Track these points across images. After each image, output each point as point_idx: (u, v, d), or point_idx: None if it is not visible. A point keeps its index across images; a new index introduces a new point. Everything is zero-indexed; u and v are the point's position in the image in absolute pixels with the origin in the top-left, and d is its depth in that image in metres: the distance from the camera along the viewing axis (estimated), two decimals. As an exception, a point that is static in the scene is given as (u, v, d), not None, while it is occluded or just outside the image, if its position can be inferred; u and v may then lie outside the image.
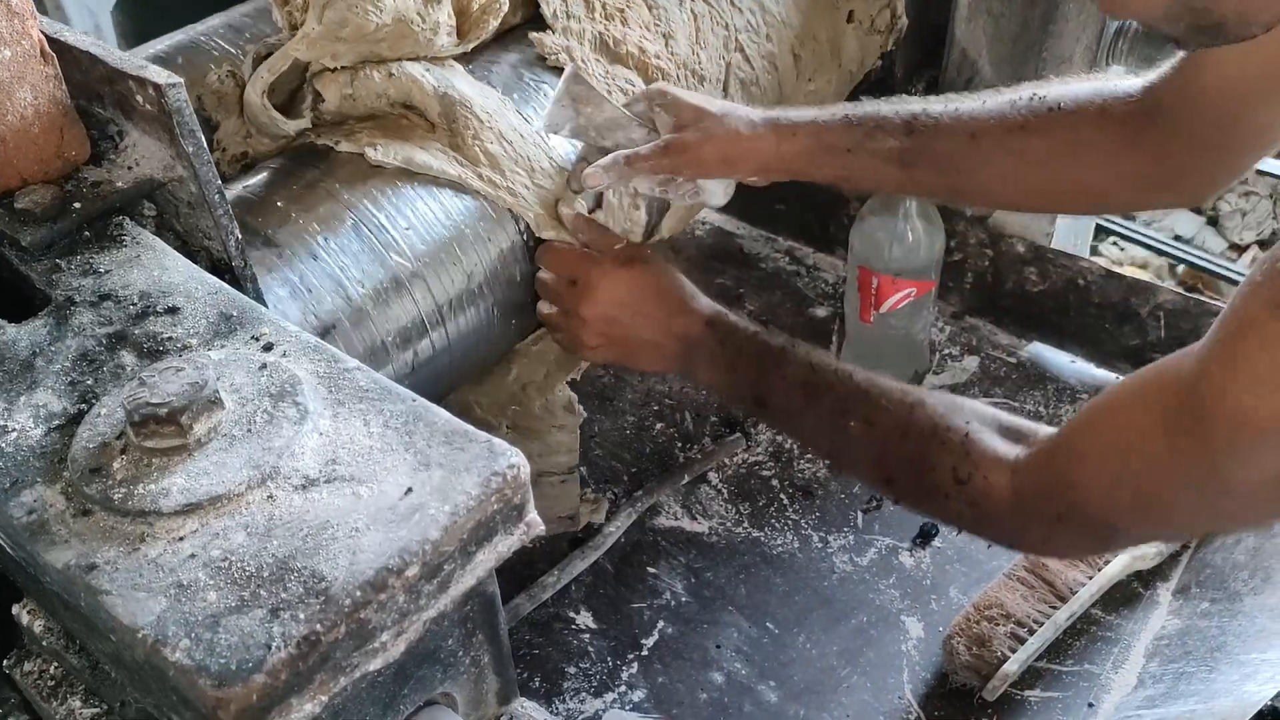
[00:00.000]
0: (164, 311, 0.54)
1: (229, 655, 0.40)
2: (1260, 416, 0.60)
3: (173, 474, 0.46)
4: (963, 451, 0.78)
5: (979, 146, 0.91)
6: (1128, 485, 0.69)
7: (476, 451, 0.48)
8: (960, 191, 0.99)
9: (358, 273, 0.74)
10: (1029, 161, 0.90)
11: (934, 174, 0.94)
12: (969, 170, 0.93)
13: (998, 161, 0.91)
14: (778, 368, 0.91)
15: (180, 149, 0.57)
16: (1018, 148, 0.90)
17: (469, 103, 0.82)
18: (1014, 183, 0.93)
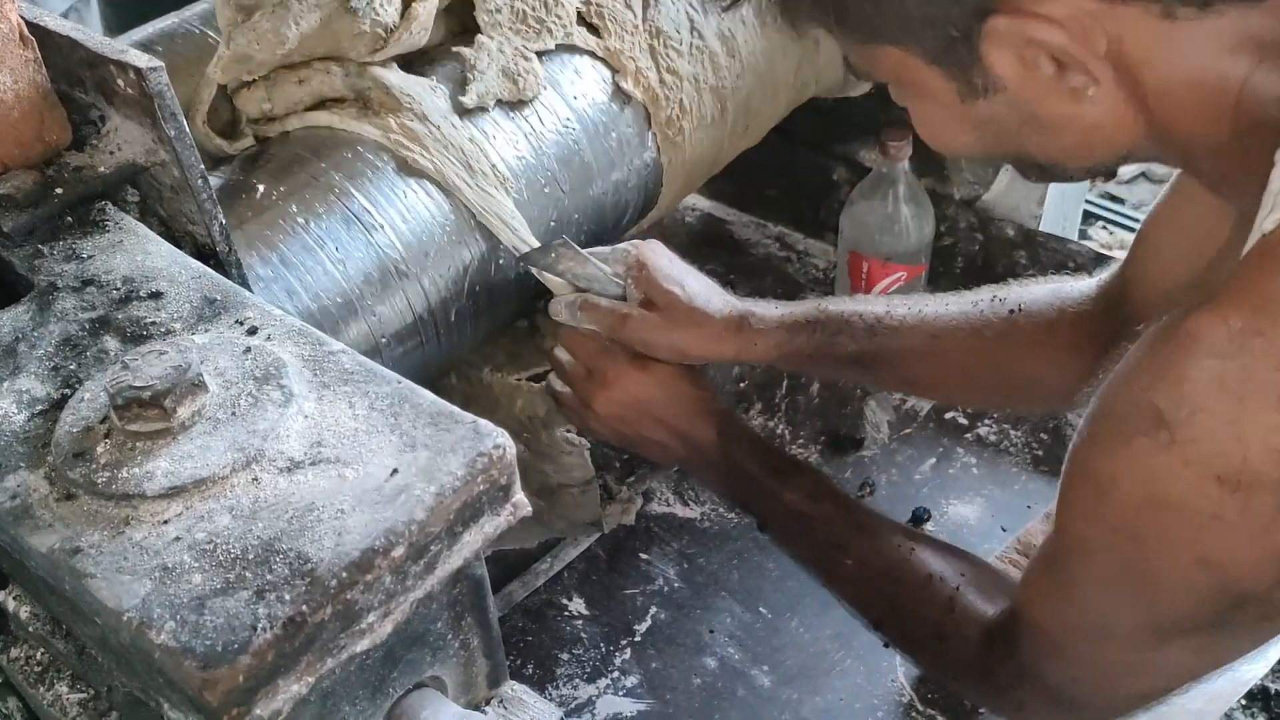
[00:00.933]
0: (147, 296, 0.53)
1: (214, 637, 0.40)
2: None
3: (157, 457, 0.45)
4: (946, 609, 0.79)
5: (938, 346, 0.94)
6: (1077, 656, 0.70)
7: (462, 433, 0.47)
8: (916, 385, 1.06)
9: (343, 256, 0.74)
10: (987, 362, 0.94)
11: (891, 371, 0.98)
12: (927, 368, 0.96)
13: (956, 361, 0.94)
14: (776, 493, 0.92)
15: (162, 133, 0.57)
16: (977, 349, 0.93)
17: (388, 86, 0.80)
18: (972, 381, 0.97)
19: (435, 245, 0.79)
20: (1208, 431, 0.55)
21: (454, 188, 0.79)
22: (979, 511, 1.19)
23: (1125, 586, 0.64)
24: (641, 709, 1.05)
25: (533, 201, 0.87)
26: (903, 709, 1.03)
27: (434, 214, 0.80)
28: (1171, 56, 0.56)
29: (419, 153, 0.77)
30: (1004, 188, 1.28)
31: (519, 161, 0.86)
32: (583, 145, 0.91)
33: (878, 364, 0.96)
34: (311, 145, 0.77)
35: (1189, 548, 0.59)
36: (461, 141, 0.80)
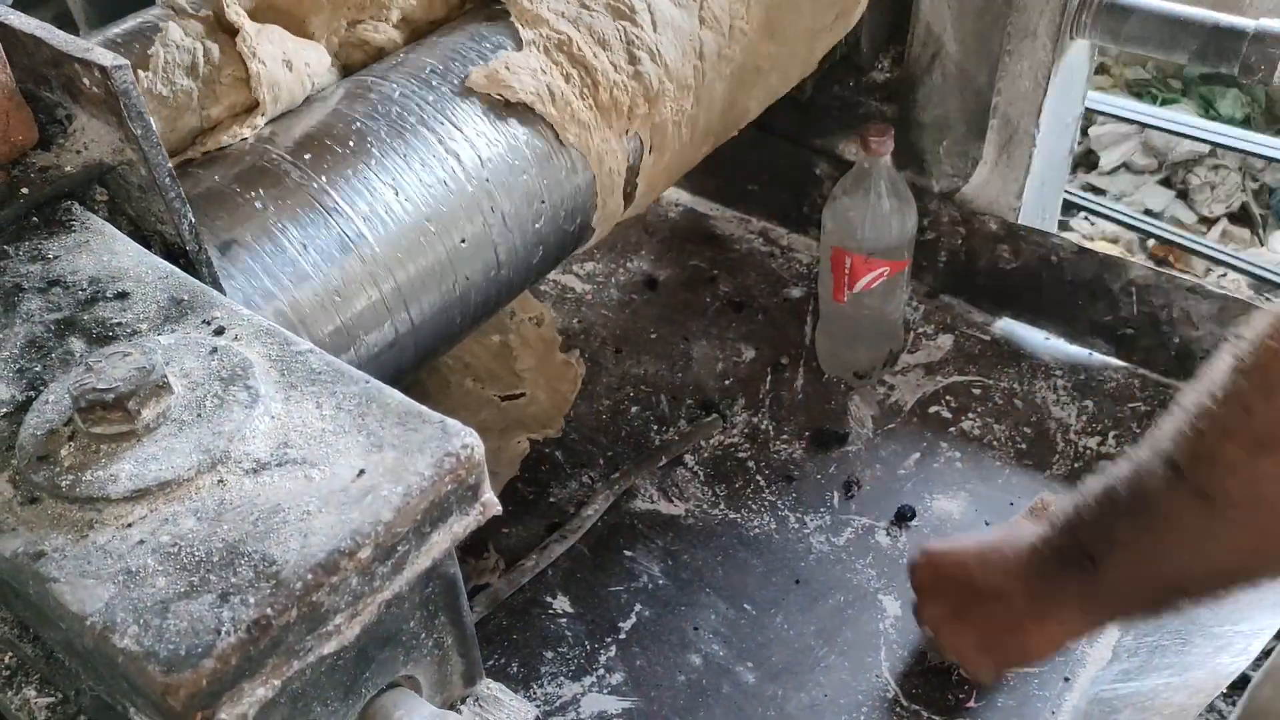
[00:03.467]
0: (113, 297, 0.53)
1: (178, 641, 0.40)
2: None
3: (121, 460, 0.45)
4: (1239, 369, 0.58)
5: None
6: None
7: (430, 432, 0.47)
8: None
9: (317, 257, 0.73)
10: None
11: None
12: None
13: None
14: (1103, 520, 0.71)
15: (128, 131, 0.56)
16: None
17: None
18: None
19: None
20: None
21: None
22: (963, 506, 1.19)
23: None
24: (626, 707, 1.04)
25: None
26: (887, 704, 1.03)
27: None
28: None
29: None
30: (983, 180, 1.28)
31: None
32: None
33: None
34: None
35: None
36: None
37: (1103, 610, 0.75)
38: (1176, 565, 0.66)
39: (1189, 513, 0.61)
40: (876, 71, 1.32)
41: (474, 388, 1.18)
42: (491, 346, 1.19)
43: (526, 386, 1.21)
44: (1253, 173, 2.15)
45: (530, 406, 1.22)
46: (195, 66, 0.74)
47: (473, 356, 1.18)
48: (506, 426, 1.20)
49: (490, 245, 0.84)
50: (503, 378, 1.20)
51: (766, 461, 1.25)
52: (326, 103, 0.81)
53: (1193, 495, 0.60)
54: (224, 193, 0.71)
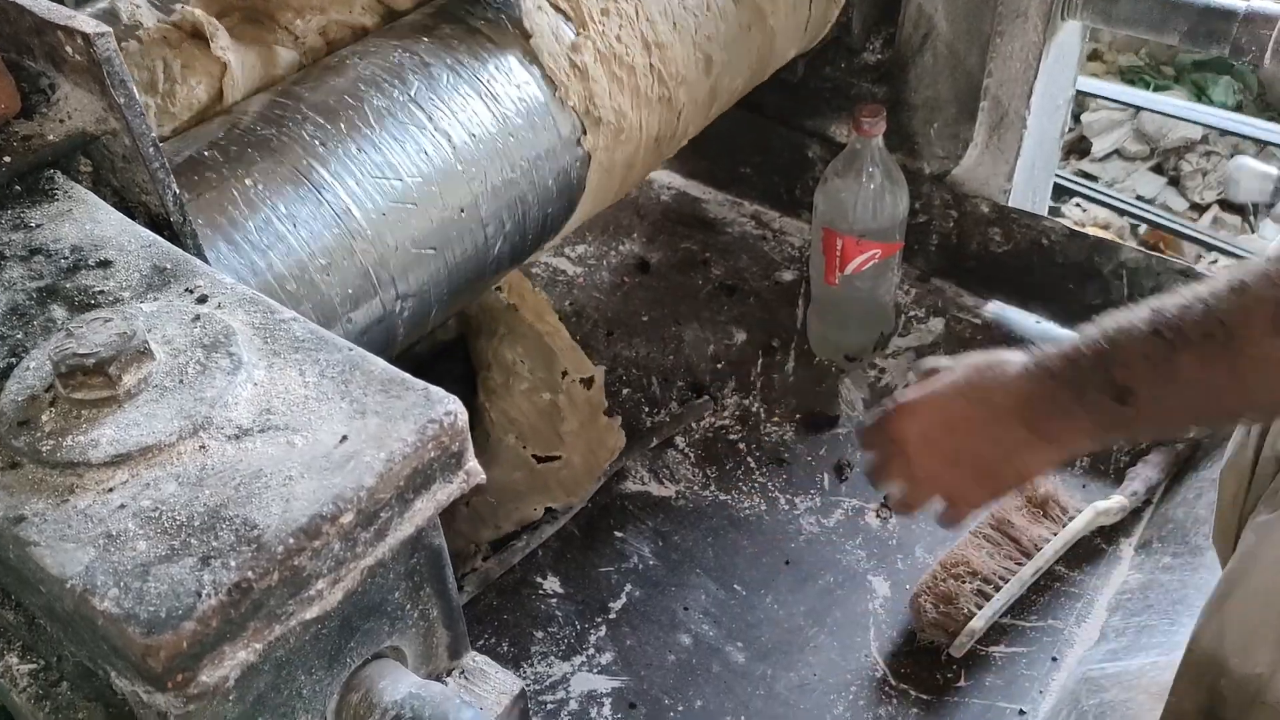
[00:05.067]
0: (96, 265, 0.53)
1: (158, 603, 0.39)
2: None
3: (102, 425, 0.45)
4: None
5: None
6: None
7: (413, 399, 0.47)
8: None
9: (305, 233, 0.73)
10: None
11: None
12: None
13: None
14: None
15: (111, 100, 0.56)
16: None
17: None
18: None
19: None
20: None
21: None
22: (953, 487, 1.19)
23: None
24: (616, 686, 1.05)
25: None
26: (876, 684, 1.03)
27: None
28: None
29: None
30: (973, 162, 1.28)
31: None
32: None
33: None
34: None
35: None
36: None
37: (1123, 434, 0.79)
38: (1242, 400, 0.69)
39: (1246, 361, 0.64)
40: (868, 53, 1.31)
41: (514, 445, 1.14)
42: (540, 404, 1.14)
43: (565, 450, 1.16)
44: (1245, 160, 2.16)
45: (563, 470, 1.16)
46: (154, 84, 0.75)
47: (520, 413, 1.14)
48: (533, 489, 1.17)
49: (479, 219, 0.84)
50: (546, 438, 1.15)
51: (757, 444, 1.25)
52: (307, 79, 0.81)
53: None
54: (203, 163, 0.71)
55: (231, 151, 0.73)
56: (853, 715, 1.01)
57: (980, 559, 1.07)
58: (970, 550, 1.08)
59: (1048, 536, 1.09)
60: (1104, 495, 1.13)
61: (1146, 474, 1.14)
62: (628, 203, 1.56)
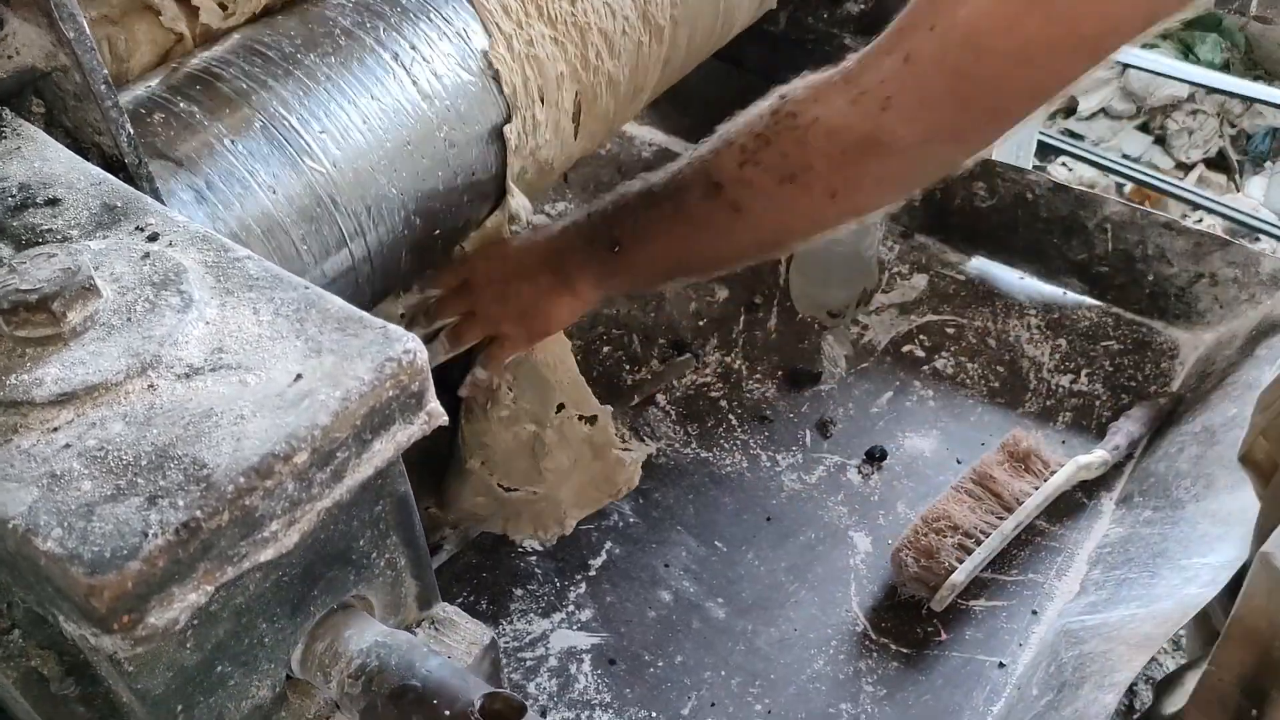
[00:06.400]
0: (44, 203, 0.51)
1: (103, 543, 0.38)
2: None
3: (47, 364, 0.43)
4: (776, 113, 0.78)
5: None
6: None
7: (371, 337, 0.46)
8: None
9: (269, 178, 0.71)
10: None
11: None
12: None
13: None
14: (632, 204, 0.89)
15: (60, 34, 0.54)
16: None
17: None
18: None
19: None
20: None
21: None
22: (934, 444, 1.19)
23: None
24: (595, 642, 1.04)
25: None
26: (856, 638, 1.03)
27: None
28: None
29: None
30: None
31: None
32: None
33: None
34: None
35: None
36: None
37: (617, 284, 0.94)
38: (693, 253, 0.86)
39: (719, 216, 0.79)
40: (851, 3, 1.29)
41: (479, 470, 1.06)
42: (520, 435, 1.04)
43: (545, 486, 1.07)
44: (1230, 118, 2.14)
45: (539, 504, 1.08)
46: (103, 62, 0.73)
47: (493, 439, 1.04)
48: (499, 516, 1.09)
49: (449, 166, 0.82)
50: (521, 470, 1.06)
51: (739, 401, 1.25)
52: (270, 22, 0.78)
53: (728, 206, 0.79)
54: (160, 103, 0.69)
55: (181, 88, 0.71)
56: (833, 669, 1.01)
57: (962, 513, 1.06)
58: (952, 505, 1.07)
59: (1029, 491, 1.09)
60: (1086, 450, 1.13)
61: (1128, 429, 1.14)
62: (608, 159, 1.54)
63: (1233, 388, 1.10)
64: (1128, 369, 1.23)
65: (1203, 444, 1.07)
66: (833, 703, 0.98)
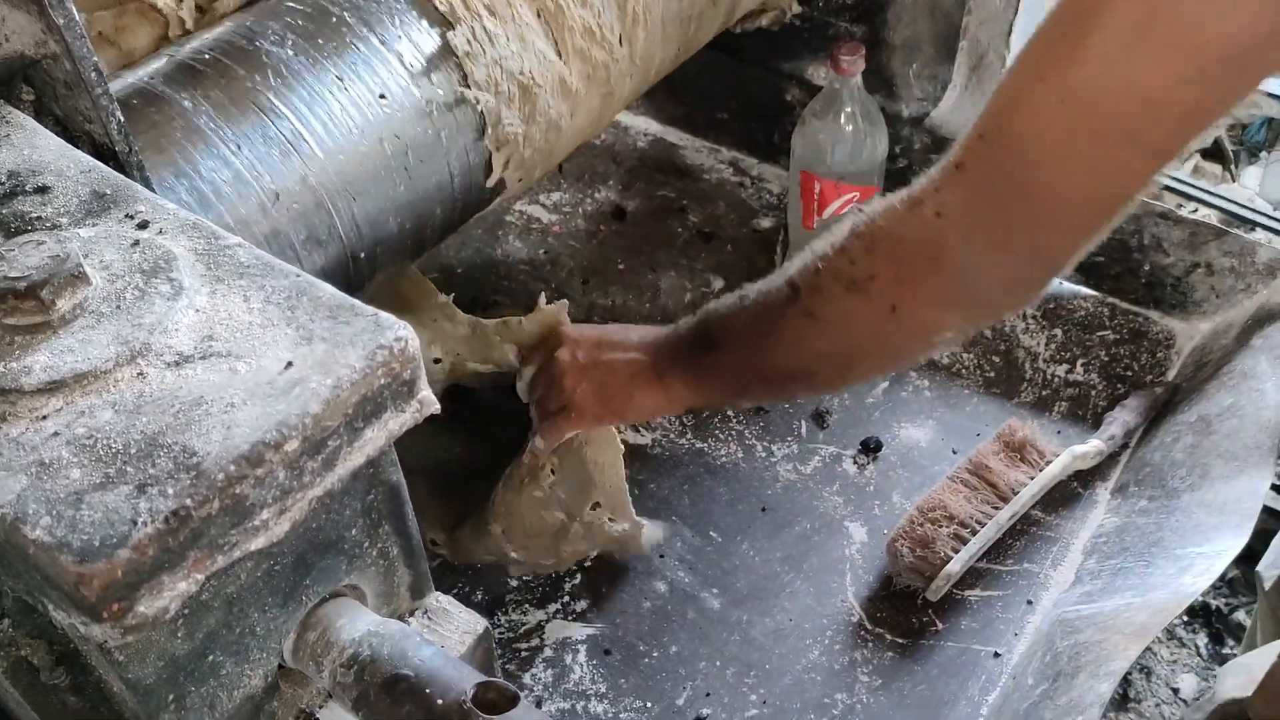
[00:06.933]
0: (33, 191, 0.51)
1: (92, 531, 0.38)
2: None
3: (36, 351, 0.43)
4: (854, 225, 0.75)
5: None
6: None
7: (362, 325, 0.45)
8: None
9: (262, 169, 0.71)
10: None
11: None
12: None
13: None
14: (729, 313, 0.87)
15: (50, 21, 0.53)
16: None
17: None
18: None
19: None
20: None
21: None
22: (930, 434, 1.19)
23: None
24: (591, 633, 1.04)
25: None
26: (851, 628, 1.03)
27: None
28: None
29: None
30: (952, 104, 1.27)
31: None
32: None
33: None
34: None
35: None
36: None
37: (706, 389, 0.90)
38: (769, 361, 0.83)
39: (794, 322, 0.78)
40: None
41: (498, 535, 1.02)
42: (548, 519, 1.00)
43: (559, 565, 1.05)
44: (1228, 108, 2.13)
45: (547, 563, 1.06)
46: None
47: (519, 513, 1.00)
48: (503, 566, 1.07)
49: (443, 156, 0.82)
50: (541, 547, 1.02)
51: (734, 391, 1.24)
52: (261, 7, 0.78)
53: (802, 313, 0.78)
54: (151, 92, 0.68)
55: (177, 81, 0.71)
56: (828, 659, 1.01)
57: (957, 503, 1.06)
58: (947, 495, 1.07)
59: (1025, 481, 1.09)
60: (1081, 440, 1.13)
61: (1124, 418, 1.14)
62: (603, 149, 1.54)
63: (1228, 377, 1.10)
64: (1123, 359, 1.23)
65: (1198, 434, 1.07)
66: (828, 693, 0.98)
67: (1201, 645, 1.49)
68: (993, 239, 0.68)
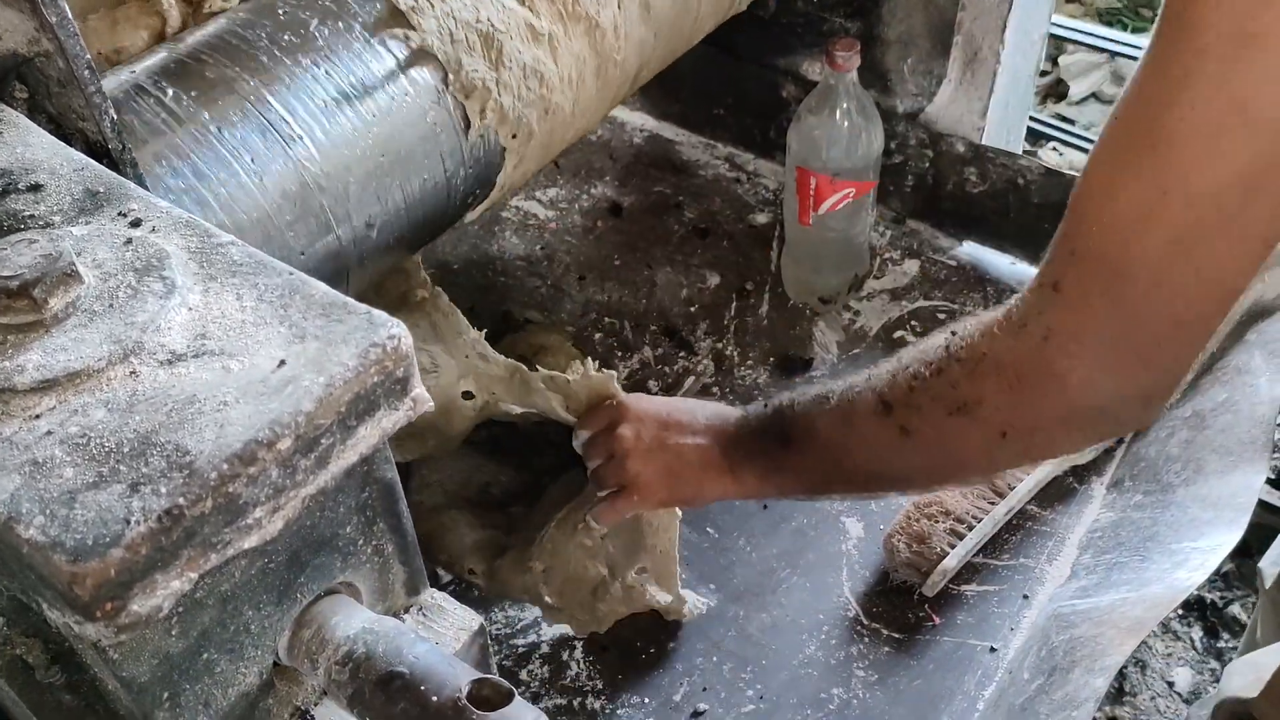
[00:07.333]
0: (26, 189, 0.50)
1: (85, 531, 0.38)
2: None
3: (28, 350, 0.43)
4: (949, 347, 0.72)
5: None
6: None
7: (355, 323, 0.45)
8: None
9: (255, 163, 0.71)
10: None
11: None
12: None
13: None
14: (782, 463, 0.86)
15: (43, 19, 0.53)
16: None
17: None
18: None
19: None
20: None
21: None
22: (926, 429, 1.18)
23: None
24: (587, 629, 1.04)
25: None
26: (848, 623, 1.03)
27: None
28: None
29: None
30: (946, 100, 1.26)
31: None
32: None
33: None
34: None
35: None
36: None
37: (781, 482, 0.89)
38: (859, 467, 0.82)
39: (886, 435, 0.76)
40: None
41: (538, 574, 0.99)
42: (591, 571, 1.00)
43: (592, 622, 1.02)
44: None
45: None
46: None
47: (564, 559, 0.99)
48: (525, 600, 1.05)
49: (439, 152, 0.82)
50: (574, 599, 1.01)
51: (731, 388, 1.24)
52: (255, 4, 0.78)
53: (896, 427, 0.76)
54: (145, 88, 0.68)
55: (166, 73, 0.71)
56: (825, 654, 1.01)
57: (953, 499, 1.07)
58: (944, 491, 1.07)
59: (1021, 476, 1.09)
60: (1077, 434, 1.13)
61: (1120, 413, 1.14)
62: (599, 145, 1.54)
63: (1223, 373, 1.10)
64: (1119, 354, 1.23)
65: (1193, 429, 1.07)
66: (824, 688, 0.98)
67: (1197, 639, 1.50)
68: (1106, 359, 0.64)
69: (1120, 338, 0.63)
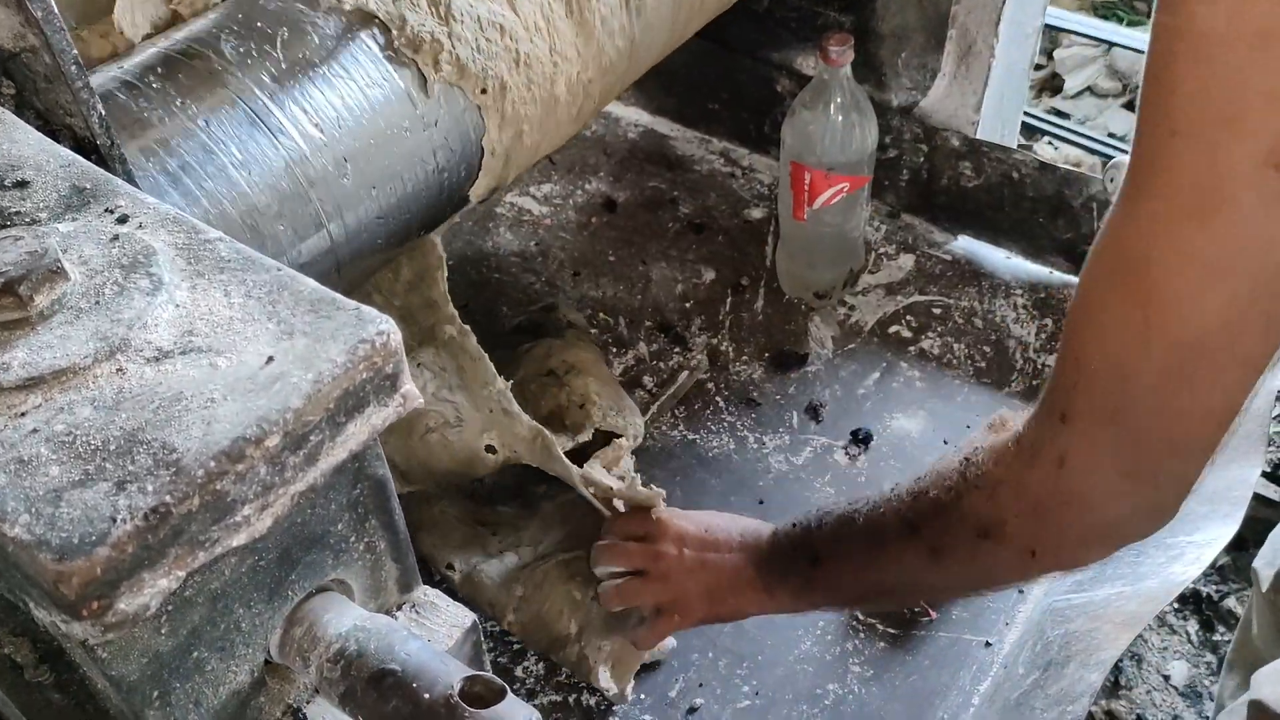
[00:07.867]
0: (12, 186, 0.50)
1: (71, 529, 0.38)
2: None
3: (13, 348, 0.43)
4: (965, 474, 0.74)
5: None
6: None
7: (344, 319, 0.45)
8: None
9: (244, 159, 0.70)
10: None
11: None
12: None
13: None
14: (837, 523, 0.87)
15: (29, 14, 0.53)
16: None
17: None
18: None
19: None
20: None
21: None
22: (921, 425, 1.19)
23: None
24: (582, 625, 1.04)
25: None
26: (844, 619, 1.03)
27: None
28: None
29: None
30: (941, 93, 1.26)
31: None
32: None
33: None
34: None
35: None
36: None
37: (814, 599, 0.91)
38: (893, 584, 0.84)
39: (916, 556, 0.78)
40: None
41: (515, 591, 1.02)
42: (561, 624, 1.00)
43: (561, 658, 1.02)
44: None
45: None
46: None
47: (541, 595, 1.00)
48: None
49: (429, 148, 0.81)
50: (537, 630, 1.01)
51: (726, 383, 1.24)
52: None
53: (925, 548, 0.77)
54: (134, 86, 0.68)
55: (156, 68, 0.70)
56: (820, 650, 1.01)
57: (948, 494, 1.06)
58: (938, 485, 1.07)
59: (1016, 471, 1.09)
60: (1072, 429, 1.13)
61: (1115, 407, 1.14)
62: (594, 141, 1.53)
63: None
64: (1114, 348, 1.23)
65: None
66: (820, 683, 0.98)
67: (1192, 632, 1.50)
68: (1118, 482, 0.66)
69: (1129, 462, 0.65)
